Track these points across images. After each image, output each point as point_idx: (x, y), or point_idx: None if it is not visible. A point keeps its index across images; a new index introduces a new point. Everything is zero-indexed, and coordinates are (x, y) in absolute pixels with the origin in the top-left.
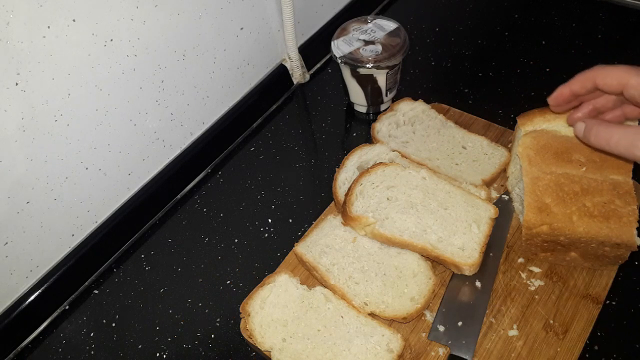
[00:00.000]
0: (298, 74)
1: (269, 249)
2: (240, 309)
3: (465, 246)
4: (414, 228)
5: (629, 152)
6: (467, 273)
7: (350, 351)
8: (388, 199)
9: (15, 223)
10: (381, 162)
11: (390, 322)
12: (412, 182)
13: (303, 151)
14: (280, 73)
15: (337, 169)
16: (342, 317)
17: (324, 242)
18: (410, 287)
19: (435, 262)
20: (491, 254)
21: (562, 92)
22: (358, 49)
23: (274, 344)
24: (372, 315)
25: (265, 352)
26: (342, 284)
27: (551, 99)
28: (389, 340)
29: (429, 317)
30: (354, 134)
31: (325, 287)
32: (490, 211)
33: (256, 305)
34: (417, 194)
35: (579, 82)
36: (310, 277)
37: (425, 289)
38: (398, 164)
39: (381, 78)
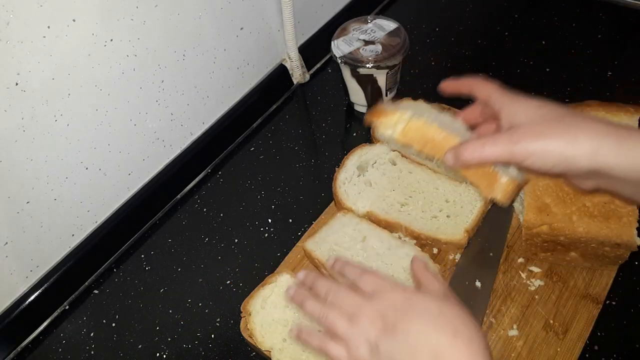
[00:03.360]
0: (298, 74)
1: (269, 249)
2: (241, 308)
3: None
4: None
5: (511, 153)
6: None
7: None
8: None
9: (15, 223)
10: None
11: None
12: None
13: (303, 151)
14: (280, 73)
15: (337, 169)
16: None
17: (333, 239)
18: None
19: (437, 260)
20: (491, 254)
21: (448, 84)
22: (358, 49)
23: (274, 344)
24: None
25: (265, 352)
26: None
27: (443, 85)
28: None
29: None
30: (354, 134)
31: None
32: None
33: (257, 304)
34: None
35: (466, 85)
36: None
37: None
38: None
39: (381, 78)
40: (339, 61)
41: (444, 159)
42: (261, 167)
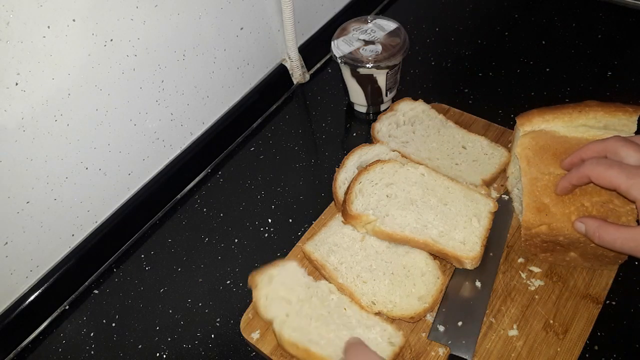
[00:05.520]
0: (298, 74)
1: (269, 249)
2: (248, 278)
3: (466, 240)
4: (414, 224)
5: (634, 254)
6: (468, 267)
7: (353, 336)
8: (387, 196)
9: (15, 223)
10: (379, 160)
11: (397, 320)
12: (411, 179)
13: (303, 151)
14: (280, 73)
15: (337, 169)
16: (345, 309)
17: (332, 240)
18: (418, 286)
19: (437, 257)
20: (491, 254)
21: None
22: (358, 48)
23: (276, 316)
24: (379, 314)
25: (267, 322)
26: (350, 282)
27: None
28: (390, 335)
29: (429, 317)
30: (354, 134)
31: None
32: (490, 205)
33: (264, 279)
34: (416, 190)
35: (576, 178)
36: (316, 272)
37: (433, 288)
38: (396, 161)
39: (381, 78)
40: (339, 61)
41: (576, 226)
42: (261, 167)
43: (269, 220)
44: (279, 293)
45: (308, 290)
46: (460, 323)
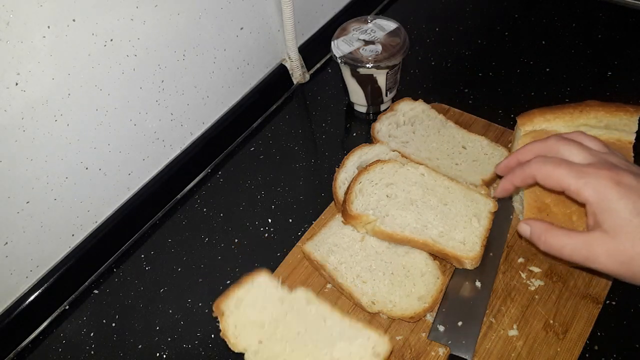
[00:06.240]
0: (298, 74)
1: (269, 249)
2: (213, 307)
3: (466, 240)
4: (414, 224)
5: (586, 265)
6: (468, 267)
7: (333, 355)
8: (387, 196)
9: (15, 223)
10: (379, 160)
11: (396, 321)
12: (411, 179)
13: (303, 151)
14: (280, 73)
15: (337, 169)
16: (324, 320)
17: (332, 240)
18: (418, 286)
19: (437, 257)
20: (491, 254)
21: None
22: (358, 48)
23: (248, 346)
24: (375, 315)
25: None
26: (350, 282)
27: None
28: (374, 343)
29: (429, 317)
30: (354, 134)
31: (333, 285)
32: (490, 205)
33: (231, 304)
34: (416, 190)
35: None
36: (292, 277)
37: (433, 288)
38: (396, 161)
39: (381, 78)
40: (339, 61)
41: (521, 228)
42: (261, 167)
43: (269, 220)
44: (250, 317)
45: (282, 306)
46: (460, 323)
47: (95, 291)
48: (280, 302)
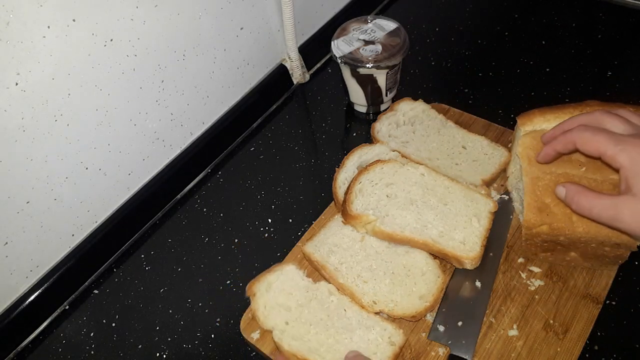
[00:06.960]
0: (298, 74)
1: (269, 249)
2: (246, 288)
3: (466, 240)
4: (414, 224)
5: (612, 224)
6: (468, 267)
7: (352, 340)
8: (387, 196)
9: (15, 223)
10: (379, 160)
11: (397, 320)
12: (410, 179)
13: (303, 151)
14: (280, 73)
15: (337, 169)
16: (345, 310)
17: (332, 241)
18: (418, 285)
19: (437, 257)
20: (491, 254)
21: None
22: (358, 48)
23: (276, 325)
24: (379, 313)
25: (266, 331)
26: (351, 282)
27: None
28: (390, 334)
29: (429, 317)
30: (354, 134)
31: (334, 285)
32: (490, 205)
33: (262, 287)
34: (416, 190)
35: (562, 144)
36: (315, 273)
37: (433, 287)
38: (396, 161)
39: (381, 78)
40: (339, 61)
41: (557, 191)
42: (261, 167)
43: (269, 220)
44: (278, 300)
45: (307, 293)
46: (460, 323)
47: (95, 291)
48: (305, 290)
